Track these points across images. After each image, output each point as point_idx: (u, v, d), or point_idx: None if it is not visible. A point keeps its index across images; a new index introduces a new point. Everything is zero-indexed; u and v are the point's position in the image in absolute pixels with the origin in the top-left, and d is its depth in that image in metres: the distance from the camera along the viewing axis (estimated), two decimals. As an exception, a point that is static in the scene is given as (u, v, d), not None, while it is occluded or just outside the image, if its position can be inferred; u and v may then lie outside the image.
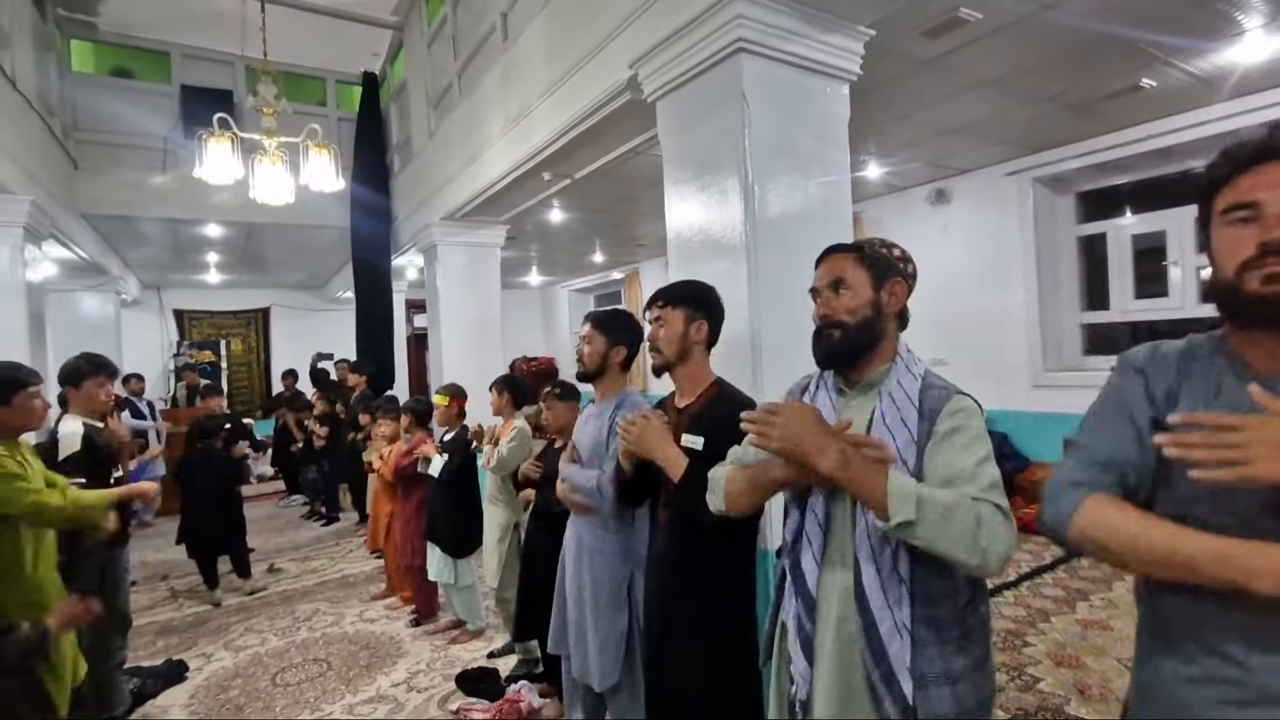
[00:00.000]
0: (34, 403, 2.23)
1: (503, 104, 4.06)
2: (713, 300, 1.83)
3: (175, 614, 4.23)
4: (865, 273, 1.28)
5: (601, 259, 9.12)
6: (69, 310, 7.23)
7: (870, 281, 1.28)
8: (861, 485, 1.11)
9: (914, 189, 5.88)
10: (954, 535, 1.05)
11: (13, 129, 3.98)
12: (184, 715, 2.94)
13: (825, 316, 1.29)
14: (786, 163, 2.30)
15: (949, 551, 1.05)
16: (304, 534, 6.04)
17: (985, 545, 1.04)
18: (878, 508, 1.09)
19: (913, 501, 1.06)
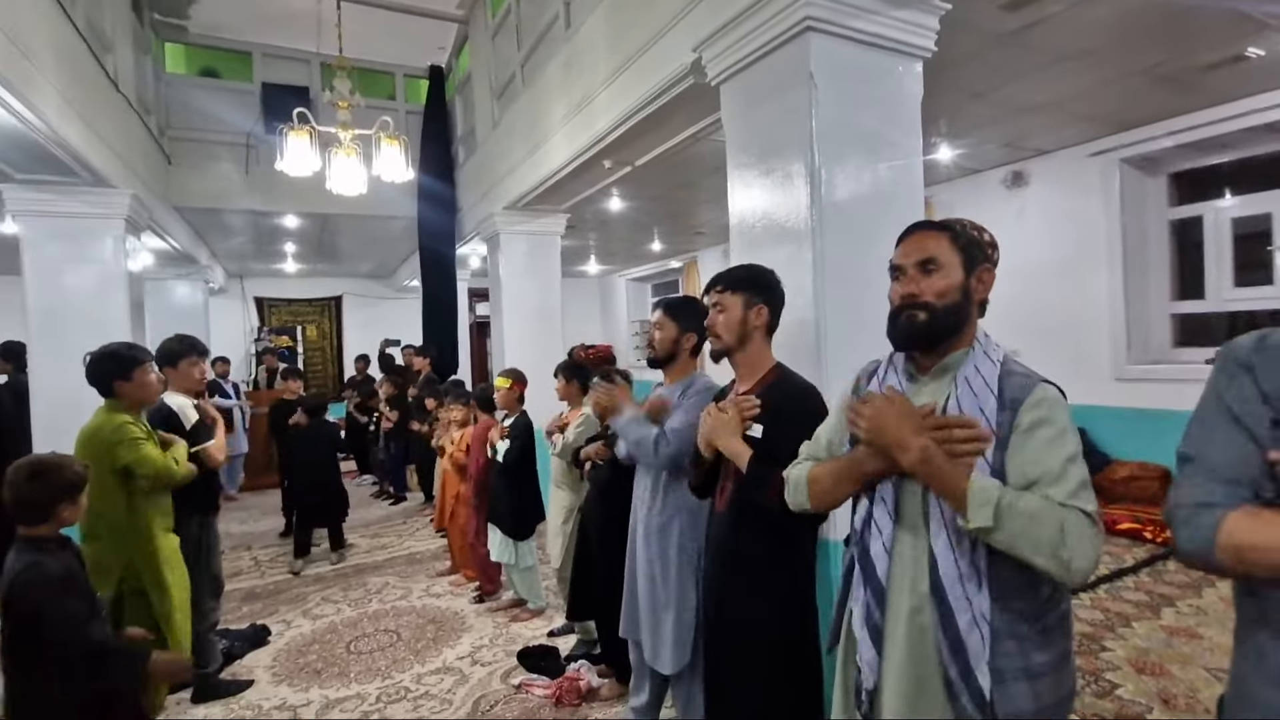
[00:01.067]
0: (150, 378, 2.44)
1: (565, 92, 4.09)
2: (772, 283, 1.81)
3: (258, 581, 4.51)
4: (958, 255, 1.22)
5: (660, 248, 9.11)
6: (163, 297, 7.74)
7: (962, 264, 1.22)
8: (942, 484, 1.10)
9: (988, 171, 5.62)
10: (1035, 543, 1.02)
11: (115, 127, 4.28)
12: (267, 676, 3.14)
13: (910, 296, 1.22)
14: (855, 145, 2.24)
15: (1029, 558, 1.04)
16: (373, 512, 6.32)
17: (1068, 558, 1.00)
18: (958, 508, 1.07)
19: (991, 509, 1.04)
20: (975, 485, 1.06)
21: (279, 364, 8.59)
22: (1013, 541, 1.03)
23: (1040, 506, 1.03)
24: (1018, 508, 1.03)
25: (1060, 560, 1.00)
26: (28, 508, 1.87)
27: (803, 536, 1.69)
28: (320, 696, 2.93)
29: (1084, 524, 1.02)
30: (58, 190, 4.04)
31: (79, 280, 4.27)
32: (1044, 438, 1.09)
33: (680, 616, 2.16)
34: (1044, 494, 1.05)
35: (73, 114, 3.46)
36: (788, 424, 1.59)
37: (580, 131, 3.88)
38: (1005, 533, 1.03)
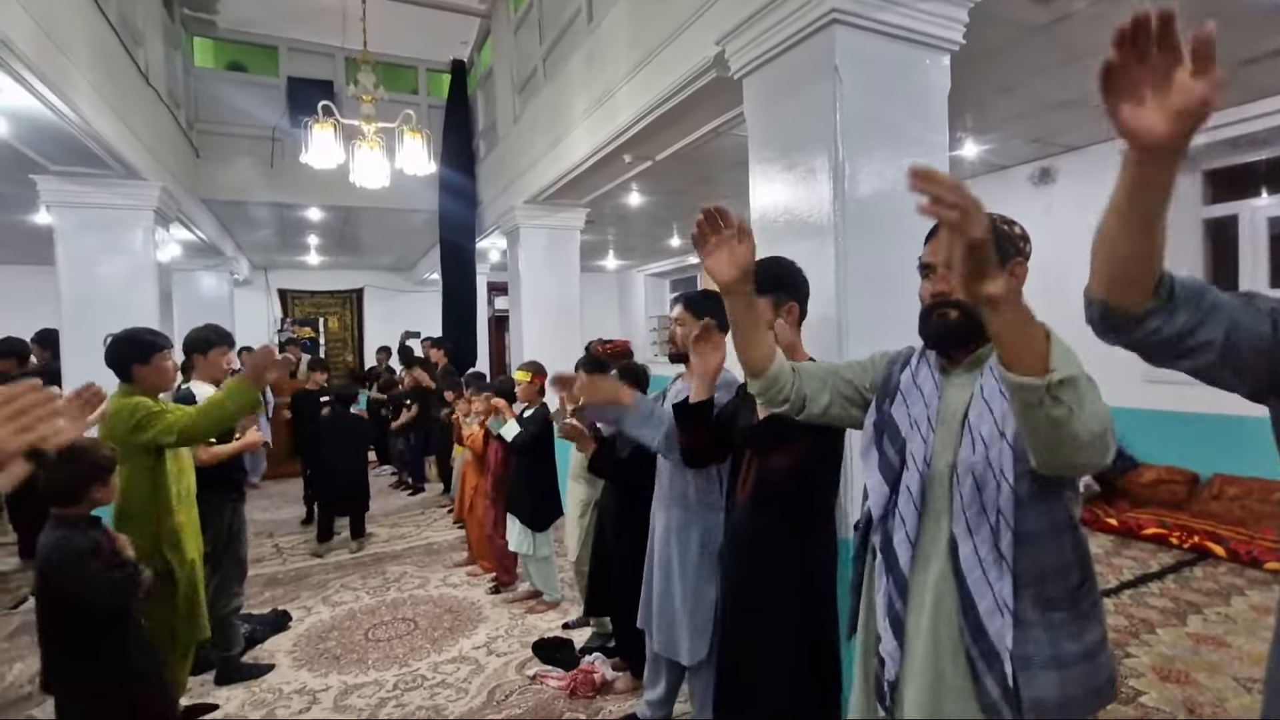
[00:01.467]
0: (168, 364, 2.48)
1: (586, 86, 4.09)
2: (796, 274, 1.78)
3: (280, 568, 4.59)
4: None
5: (678, 243, 9.08)
6: (190, 288, 7.88)
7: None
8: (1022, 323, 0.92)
9: (1015, 168, 5.52)
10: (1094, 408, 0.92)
11: (146, 120, 4.36)
12: (288, 661, 3.20)
13: (941, 294, 1.20)
14: (880, 139, 2.21)
15: (1086, 425, 0.91)
16: (392, 502, 6.39)
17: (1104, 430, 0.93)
18: (1029, 354, 0.92)
19: (1077, 358, 0.92)
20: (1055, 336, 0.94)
21: (302, 355, 8.74)
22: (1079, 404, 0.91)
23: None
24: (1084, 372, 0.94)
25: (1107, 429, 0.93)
26: (60, 489, 1.93)
27: (822, 527, 1.68)
28: (339, 682, 2.97)
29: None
30: (90, 182, 4.12)
31: (110, 270, 4.36)
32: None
33: (698, 610, 2.16)
34: None
35: (105, 107, 3.53)
36: None
37: (601, 125, 3.87)
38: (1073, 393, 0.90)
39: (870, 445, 1.29)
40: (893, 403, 1.27)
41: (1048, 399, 0.90)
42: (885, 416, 1.27)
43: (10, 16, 2.53)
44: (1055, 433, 0.93)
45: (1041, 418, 0.92)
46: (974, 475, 1.10)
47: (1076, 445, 0.93)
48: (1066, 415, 0.91)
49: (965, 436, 1.14)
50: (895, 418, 1.25)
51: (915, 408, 1.23)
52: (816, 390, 1.35)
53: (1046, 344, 0.92)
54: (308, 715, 2.73)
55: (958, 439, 1.16)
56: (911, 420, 1.22)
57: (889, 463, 1.23)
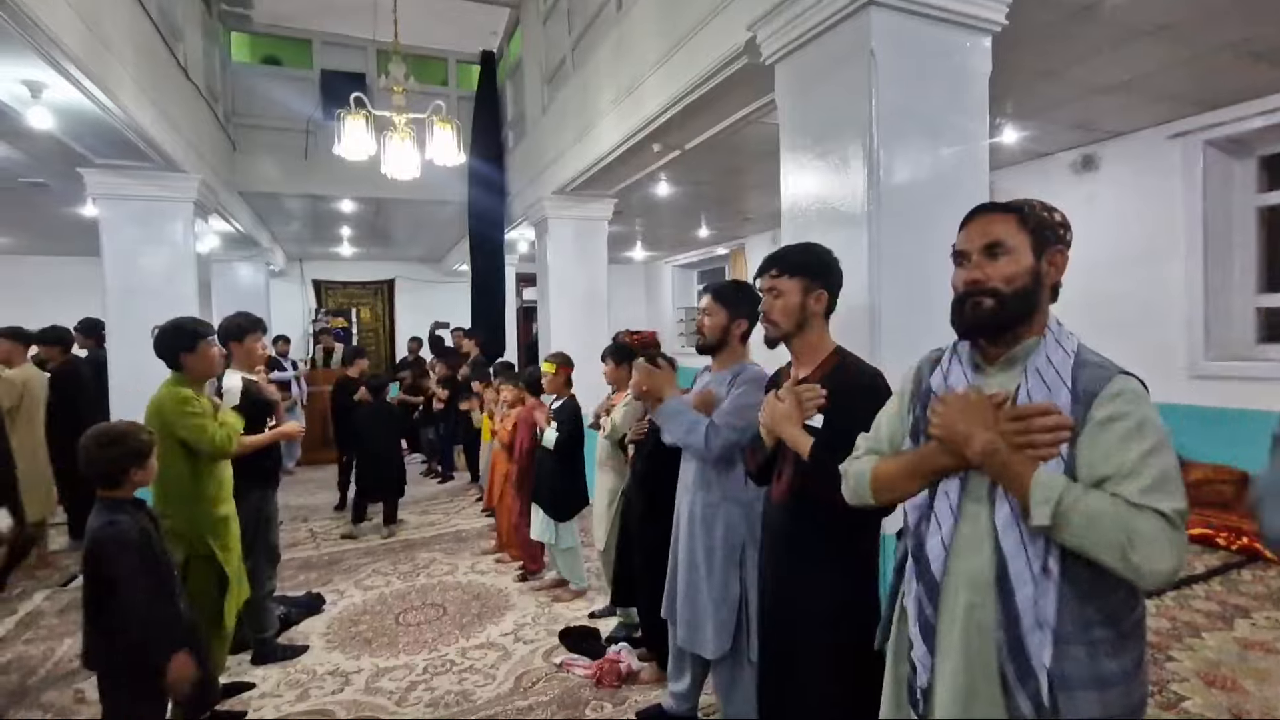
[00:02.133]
0: (213, 351, 2.55)
1: (614, 76, 4.07)
2: (830, 264, 1.73)
3: (314, 552, 4.69)
4: (1026, 237, 1.15)
5: (706, 234, 9.02)
6: (228, 278, 8.08)
7: (1031, 247, 1.15)
8: (1007, 479, 1.07)
9: (1056, 155, 5.35)
10: (1100, 546, 0.98)
11: (186, 114, 4.46)
12: (321, 643, 3.27)
13: (975, 283, 1.16)
14: (916, 126, 2.16)
15: (1099, 559, 0.99)
16: (422, 490, 6.49)
17: (1139, 562, 0.95)
18: (1024, 504, 1.04)
19: (1049, 508, 1.00)
20: (1039, 481, 1.01)
21: (335, 344, 8.93)
22: (1078, 542, 0.99)
23: (1104, 508, 0.97)
24: (1080, 508, 0.98)
25: (1130, 564, 0.95)
26: (101, 472, 1.99)
27: (864, 529, 1.64)
28: (371, 665, 3.03)
29: (1158, 525, 0.95)
30: (133, 175, 4.24)
31: (152, 261, 4.49)
32: (1119, 432, 1.02)
33: (721, 604, 2.15)
34: (1114, 492, 0.99)
35: (147, 101, 3.62)
36: (851, 411, 1.53)
37: (630, 115, 3.85)
38: (1068, 533, 0.99)
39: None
40: (925, 406, 1.23)
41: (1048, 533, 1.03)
42: (919, 421, 1.23)
43: (58, 15, 2.60)
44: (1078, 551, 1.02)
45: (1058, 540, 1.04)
46: None
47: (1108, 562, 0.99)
48: (1074, 546, 1.01)
49: None
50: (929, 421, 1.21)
51: None
52: None
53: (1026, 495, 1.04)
54: (340, 696, 2.79)
55: None
56: None
57: None
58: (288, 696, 2.80)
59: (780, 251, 1.75)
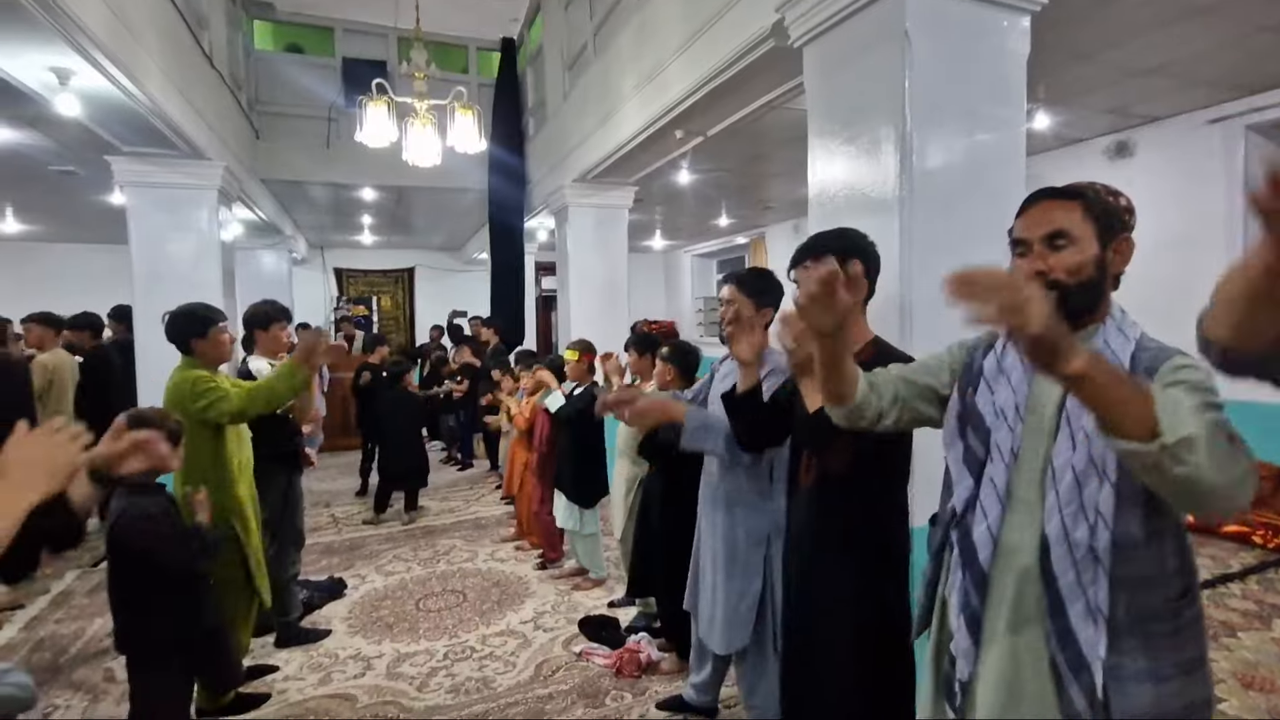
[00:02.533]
0: (224, 336, 2.55)
1: (637, 61, 4.01)
2: (866, 248, 1.67)
3: (336, 537, 4.75)
4: (1091, 225, 1.08)
5: (726, 223, 8.94)
6: (251, 266, 8.15)
7: (1096, 235, 1.09)
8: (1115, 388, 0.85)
9: (1089, 141, 5.20)
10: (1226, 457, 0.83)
11: (210, 102, 4.49)
12: (343, 627, 3.30)
13: (1038, 274, 1.08)
14: (951, 109, 2.09)
15: (1220, 477, 0.83)
16: (442, 477, 6.53)
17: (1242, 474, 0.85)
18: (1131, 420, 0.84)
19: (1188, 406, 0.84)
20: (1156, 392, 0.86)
21: (356, 332, 9.01)
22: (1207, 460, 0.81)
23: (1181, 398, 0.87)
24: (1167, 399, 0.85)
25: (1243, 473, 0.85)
26: None
27: (891, 521, 1.60)
28: (392, 650, 3.06)
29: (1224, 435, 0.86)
30: (158, 162, 4.27)
31: (178, 248, 4.53)
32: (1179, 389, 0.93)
33: (741, 598, 2.13)
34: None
35: (172, 89, 3.64)
36: None
37: (652, 101, 3.80)
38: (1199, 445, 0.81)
39: (954, 436, 1.21)
40: (976, 390, 1.19)
41: (1166, 460, 0.83)
42: (969, 405, 1.19)
43: (85, 1, 2.60)
44: (1184, 488, 0.85)
45: (1164, 479, 0.85)
46: (1074, 471, 1.02)
47: (1213, 496, 0.85)
48: (1193, 473, 0.82)
49: (1064, 430, 1.06)
50: (979, 406, 1.16)
51: (1001, 395, 1.15)
52: (888, 405, 1.27)
53: (1149, 405, 0.84)
54: (362, 681, 2.81)
55: (1051, 430, 1.08)
56: (997, 409, 1.14)
57: (973, 454, 1.16)
58: (310, 680, 2.83)
59: (815, 238, 1.69)
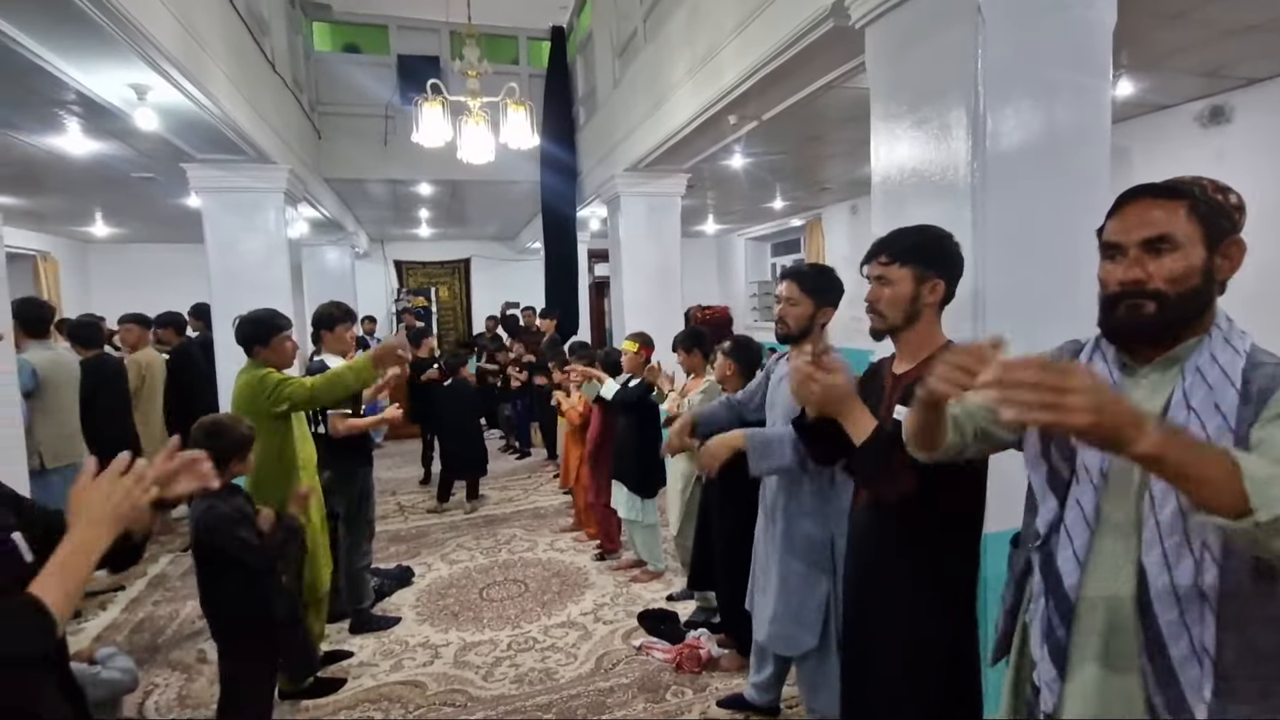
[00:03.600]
0: (287, 344, 2.64)
1: (689, 46, 3.92)
2: (948, 251, 1.54)
3: (402, 525, 4.92)
4: (1197, 227, 0.97)
5: (781, 205, 8.73)
6: (317, 262, 8.47)
7: (1203, 239, 0.97)
8: (1195, 465, 0.79)
9: (1178, 107, 4.81)
10: None
11: (274, 107, 4.64)
12: (412, 615, 3.42)
13: (1134, 283, 0.99)
14: (1028, 88, 1.95)
15: None
16: (500, 465, 6.68)
17: None
18: (1219, 496, 0.78)
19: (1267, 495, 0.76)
20: (1245, 461, 0.80)
21: (417, 323, 9.28)
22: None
23: None
24: None
25: None
26: None
27: (961, 531, 1.51)
28: (458, 638, 3.15)
29: None
30: (229, 168, 4.45)
31: (250, 248, 4.73)
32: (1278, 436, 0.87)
33: (805, 602, 2.09)
34: None
35: (240, 97, 3.77)
36: None
37: (705, 86, 3.71)
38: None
39: (1037, 457, 1.13)
40: None
41: (1261, 536, 0.77)
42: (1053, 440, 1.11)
43: (158, 19, 2.72)
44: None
45: (1266, 550, 0.80)
46: (1178, 499, 0.93)
47: None
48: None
49: None
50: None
51: None
52: (970, 440, 1.20)
53: (1236, 479, 0.78)
54: (431, 669, 2.91)
55: None
56: None
57: (1057, 474, 1.08)
58: (383, 666, 2.95)
59: (890, 235, 1.57)
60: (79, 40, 2.51)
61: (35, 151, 4.63)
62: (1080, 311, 1.25)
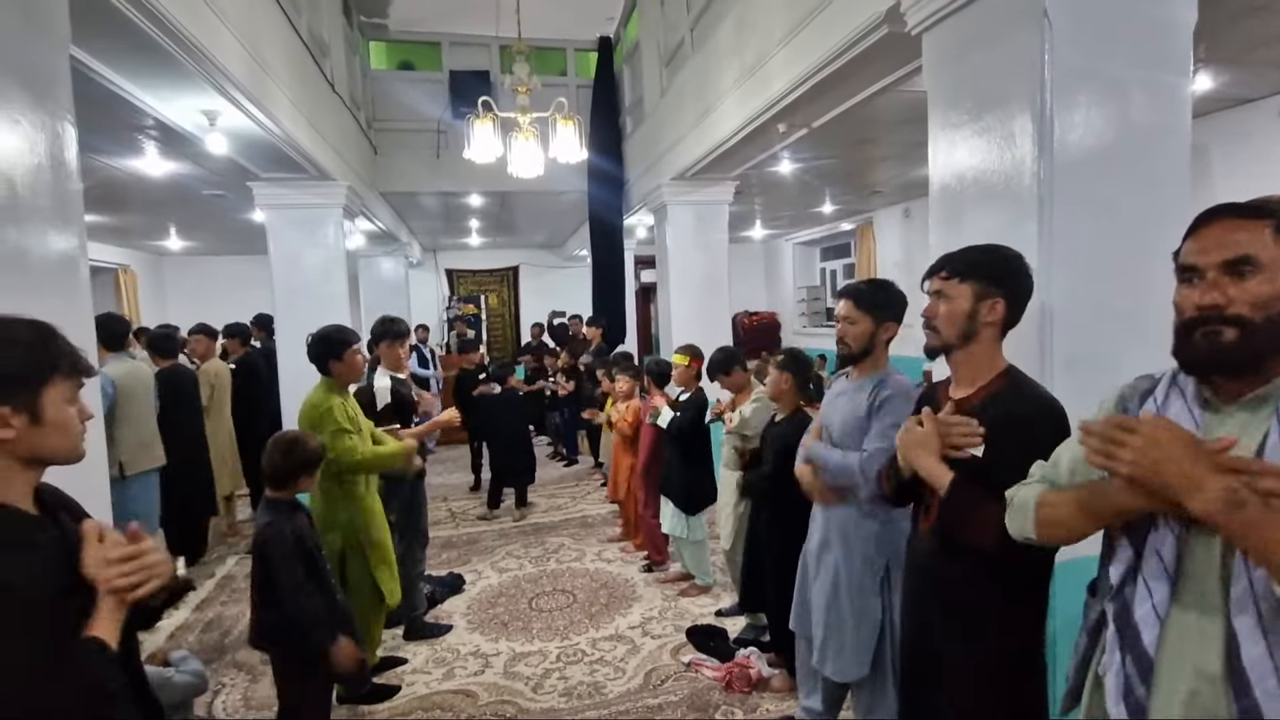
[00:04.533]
0: (357, 358, 2.73)
1: (737, 54, 3.89)
2: (1015, 271, 1.47)
3: (453, 532, 5.01)
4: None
5: (831, 209, 8.57)
6: (372, 272, 8.75)
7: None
8: (1261, 541, 0.82)
9: (1259, 102, 4.52)
10: None
11: (334, 126, 4.81)
12: (463, 623, 3.48)
13: (1213, 308, 0.93)
14: (1099, 94, 1.85)
15: None
16: (549, 473, 6.74)
17: None
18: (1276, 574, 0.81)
19: None
20: None
21: (468, 331, 9.49)
22: None
23: None
24: None
25: None
26: (276, 475, 2.19)
27: (1029, 574, 1.42)
28: (508, 649, 3.19)
29: None
30: (291, 185, 4.63)
31: (311, 261, 4.91)
32: None
33: (859, 628, 2.03)
34: None
35: (301, 119, 3.92)
36: (1015, 447, 1.31)
37: (754, 95, 3.67)
38: None
39: None
40: None
41: None
42: None
43: (226, 47, 2.85)
44: None
45: None
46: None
47: None
48: None
49: None
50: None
51: None
52: None
53: None
54: (482, 678, 2.95)
55: None
56: None
57: (1132, 521, 1.01)
58: (435, 674, 3.00)
59: (956, 252, 1.51)
60: (154, 69, 2.65)
61: (116, 173, 4.93)
62: (1155, 335, 1.18)
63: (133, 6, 2.17)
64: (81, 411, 1.07)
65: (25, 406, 0.99)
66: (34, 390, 1.00)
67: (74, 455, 1.07)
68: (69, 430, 1.04)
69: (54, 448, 1.04)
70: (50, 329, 1.05)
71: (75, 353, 1.07)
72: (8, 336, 1.00)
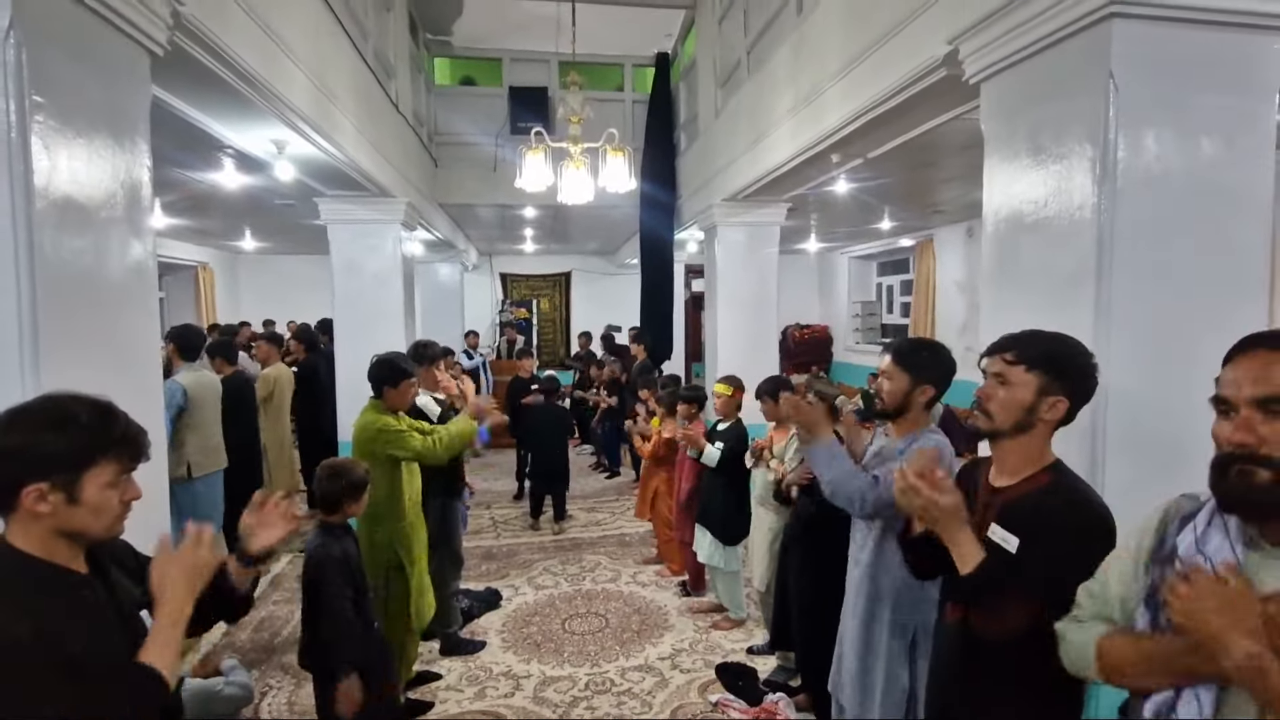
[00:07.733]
0: (410, 390, 2.85)
1: (792, 82, 3.83)
2: (1083, 372, 1.36)
3: (494, 542, 5.12)
4: None
5: (889, 225, 8.33)
6: (429, 277, 9.02)
7: None
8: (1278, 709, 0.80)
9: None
10: None
11: (396, 144, 4.98)
12: (497, 641, 3.55)
13: (1244, 446, 0.89)
14: (1170, 160, 1.75)
15: None
16: (591, 483, 6.81)
17: None
18: None
19: None
20: None
21: (518, 336, 9.67)
22: None
23: None
24: None
25: None
26: (325, 499, 2.29)
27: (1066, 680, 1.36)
28: (539, 671, 3.24)
29: None
30: (353, 200, 4.82)
31: (369, 270, 5.10)
32: None
33: (887, 694, 1.98)
34: None
35: (364, 142, 4.08)
36: (1053, 545, 1.26)
37: (808, 126, 3.61)
38: None
39: (1140, 606, 1.02)
40: (1164, 575, 0.98)
41: None
42: (1158, 588, 0.99)
43: (293, 82, 2.98)
44: None
45: None
46: None
47: None
48: None
49: None
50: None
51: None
52: None
53: None
54: (511, 701, 3.01)
55: None
56: None
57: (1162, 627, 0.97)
58: (468, 693, 3.08)
59: (1023, 334, 1.41)
60: (227, 106, 2.80)
61: (198, 185, 5.24)
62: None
63: (208, 54, 2.29)
64: (126, 492, 1.12)
65: (63, 486, 1.04)
66: (76, 471, 1.05)
67: (107, 535, 1.13)
68: (103, 512, 1.09)
69: (87, 527, 1.08)
70: (113, 412, 1.11)
71: (137, 438, 1.12)
72: (65, 415, 1.06)
